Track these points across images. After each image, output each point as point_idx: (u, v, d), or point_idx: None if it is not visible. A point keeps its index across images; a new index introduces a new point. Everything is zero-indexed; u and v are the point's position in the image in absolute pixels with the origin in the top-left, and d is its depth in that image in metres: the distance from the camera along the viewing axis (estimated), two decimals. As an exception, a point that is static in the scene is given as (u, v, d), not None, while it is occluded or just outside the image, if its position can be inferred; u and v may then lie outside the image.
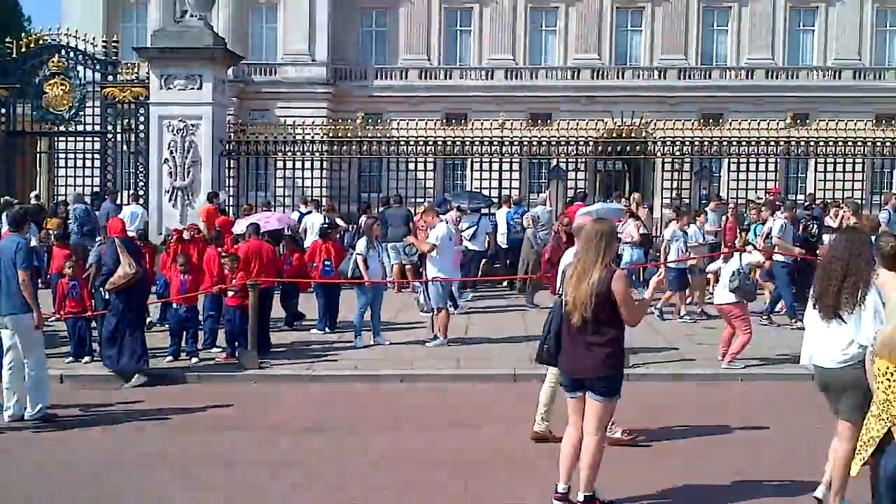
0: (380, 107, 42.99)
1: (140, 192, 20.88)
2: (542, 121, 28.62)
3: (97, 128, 22.04)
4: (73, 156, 23.25)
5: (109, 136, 21.90)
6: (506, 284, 19.38)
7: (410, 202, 20.91)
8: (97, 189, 22.12)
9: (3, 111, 22.21)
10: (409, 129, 22.20)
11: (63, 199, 22.01)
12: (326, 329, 14.36)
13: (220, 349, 12.65)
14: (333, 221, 18.78)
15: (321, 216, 19.34)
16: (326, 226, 17.09)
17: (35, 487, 7.80)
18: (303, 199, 22.15)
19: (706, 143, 22.57)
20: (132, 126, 21.63)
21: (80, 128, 22.43)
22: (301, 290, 15.32)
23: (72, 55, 21.80)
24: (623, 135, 23.11)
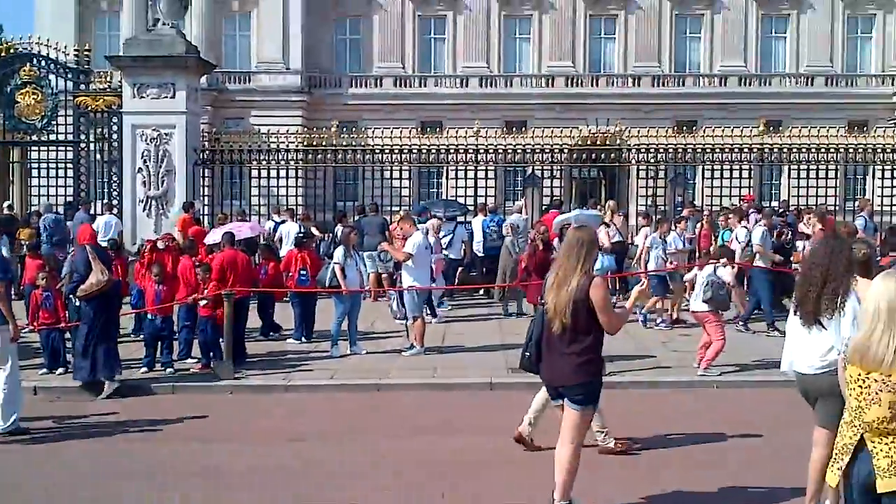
0: (355, 115, 42.80)
1: (114, 202, 20.67)
2: (517, 128, 28.55)
3: (70, 137, 21.85)
4: (46, 165, 22.99)
5: (82, 146, 21.70)
6: (482, 293, 19.38)
7: (386, 210, 20.85)
8: (70, 199, 21.91)
9: (-25, 121, 21.95)
10: (385, 138, 22.06)
11: (36, 210, 21.82)
12: (303, 339, 14.30)
13: (196, 360, 12.56)
14: (309, 231, 18.71)
15: (297, 225, 19.28)
16: (302, 235, 16.99)
17: (7, 502, 7.70)
18: (276, 209, 22.05)
19: (680, 151, 22.55)
20: (105, 135, 21.40)
21: (53, 137, 22.23)
22: (276, 300, 15.25)
23: (44, 64, 21.56)
24: (598, 142, 23.21)
